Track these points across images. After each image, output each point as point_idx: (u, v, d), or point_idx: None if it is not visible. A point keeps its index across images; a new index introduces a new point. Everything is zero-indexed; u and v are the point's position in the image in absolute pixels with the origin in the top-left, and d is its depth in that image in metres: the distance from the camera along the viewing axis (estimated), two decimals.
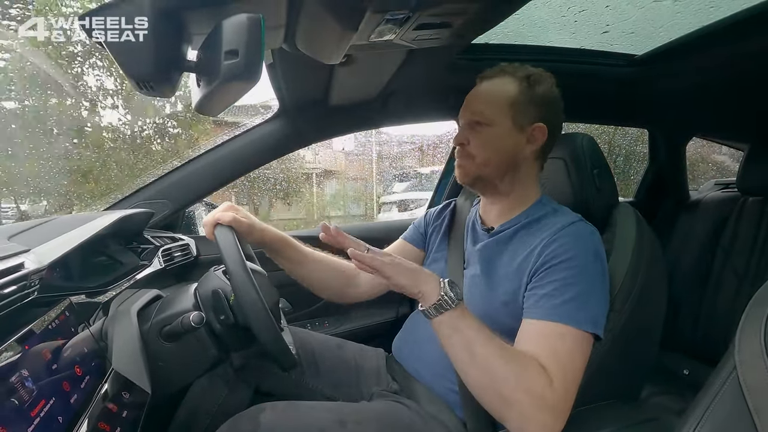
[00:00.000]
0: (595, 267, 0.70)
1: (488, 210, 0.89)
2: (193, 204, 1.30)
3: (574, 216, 0.78)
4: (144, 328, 0.76)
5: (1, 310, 0.47)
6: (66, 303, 0.62)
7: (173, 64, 0.52)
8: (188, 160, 1.23)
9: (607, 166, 0.93)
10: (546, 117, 0.79)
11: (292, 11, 0.65)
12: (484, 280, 0.79)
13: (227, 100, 0.54)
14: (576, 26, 1.13)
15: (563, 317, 0.65)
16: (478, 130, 0.80)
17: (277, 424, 0.67)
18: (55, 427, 0.48)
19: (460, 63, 1.09)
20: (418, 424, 0.75)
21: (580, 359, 0.64)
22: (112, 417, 0.58)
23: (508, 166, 0.80)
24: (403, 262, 0.65)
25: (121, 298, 0.81)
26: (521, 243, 0.78)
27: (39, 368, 0.49)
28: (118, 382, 0.64)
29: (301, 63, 0.86)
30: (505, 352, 0.62)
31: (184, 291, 0.83)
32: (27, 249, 0.59)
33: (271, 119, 1.26)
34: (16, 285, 0.50)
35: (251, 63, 0.45)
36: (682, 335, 1.45)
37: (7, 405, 0.42)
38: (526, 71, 0.80)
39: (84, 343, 0.62)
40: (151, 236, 1.07)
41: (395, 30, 0.76)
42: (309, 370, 0.92)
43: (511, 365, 0.61)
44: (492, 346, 0.62)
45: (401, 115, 1.38)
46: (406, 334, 0.94)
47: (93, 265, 0.82)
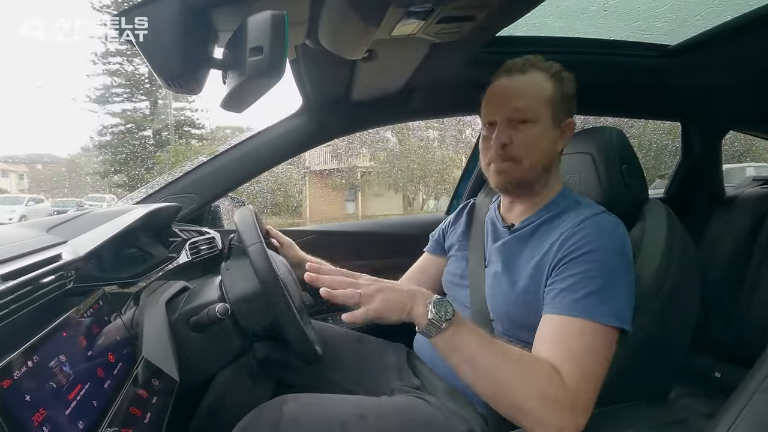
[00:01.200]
0: (619, 260, 0.68)
1: (510, 207, 0.87)
2: (219, 198, 1.34)
3: (596, 207, 0.76)
4: (172, 318, 0.79)
5: (41, 298, 0.50)
6: (100, 293, 0.64)
7: (201, 62, 0.53)
8: (214, 156, 1.27)
9: (637, 162, 0.90)
10: (573, 112, 0.79)
11: (315, 7, 0.65)
12: (505, 278, 0.78)
13: (252, 97, 0.54)
14: (605, 16, 1.09)
15: (583, 312, 0.63)
16: (521, 129, 0.76)
17: (299, 416, 0.69)
18: (90, 410, 0.50)
19: (483, 57, 1.07)
20: (439, 419, 0.75)
21: (600, 357, 0.62)
22: (142, 402, 0.60)
23: (546, 167, 0.79)
24: (387, 290, 0.63)
25: (151, 289, 0.84)
26: (542, 238, 0.76)
27: (75, 354, 0.52)
28: (148, 370, 0.67)
29: (324, 59, 0.87)
30: (511, 361, 0.61)
31: (210, 283, 0.86)
32: (64, 241, 0.62)
33: (294, 115, 1.28)
34: (54, 275, 0.53)
35: (275, 59, 0.46)
36: (714, 336, 1.40)
37: (46, 388, 0.44)
38: (553, 66, 0.78)
39: (116, 331, 0.64)
40: (178, 229, 1.10)
41: (418, 24, 0.76)
42: (330, 364, 0.93)
43: (519, 374, 0.60)
44: (495, 357, 0.61)
45: (423, 111, 1.37)
46: None
47: (125, 257, 0.85)
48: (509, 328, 0.76)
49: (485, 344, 0.62)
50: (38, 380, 0.44)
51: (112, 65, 11.35)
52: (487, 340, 0.63)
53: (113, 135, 11.36)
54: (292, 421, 0.67)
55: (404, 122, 1.32)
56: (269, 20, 0.45)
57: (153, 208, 0.88)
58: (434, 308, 0.61)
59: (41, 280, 0.50)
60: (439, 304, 0.61)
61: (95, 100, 11.43)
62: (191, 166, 1.27)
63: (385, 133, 8.70)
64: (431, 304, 0.61)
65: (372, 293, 0.62)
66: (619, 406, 0.72)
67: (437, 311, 0.60)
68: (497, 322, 0.78)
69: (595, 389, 0.61)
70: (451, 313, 0.61)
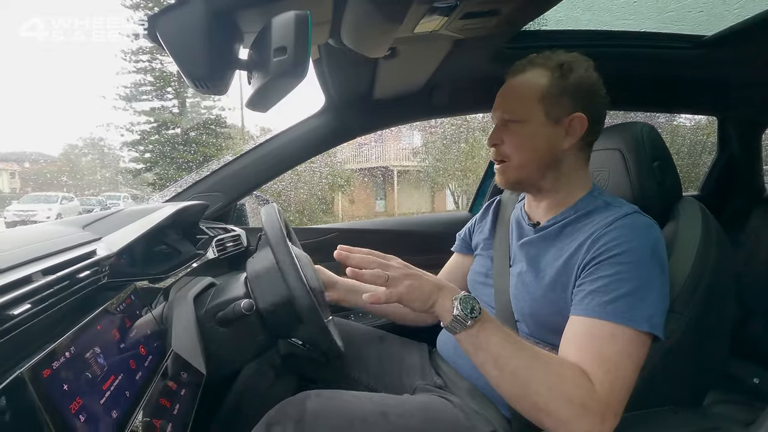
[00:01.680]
0: (652, 262, 0.65)
1: (534, 206, 0.85)
2: (244, 196, 1.37)
3: (629, 207, 0.73)
4: (199, 313, 0.81)
5: (77, 292, 0.52)
6: (132, 288, 0.67)
7: (227, 63, 0.54)
8: (239, 155, 1.30)
9: (670, 158, 0.86)
10: (584, 105, 0.74)
11: (338, 6, 0.66)
12: (529, 278, 0.76)
13: (276, 97, 0.55)
14: (635, 7, 1.05)
15: (613, 315, 0.61)
16: (512, 129, 0.77)
17: (322, 412, 0.69)
18: (122, 400, 0.52)
19: (508, 52, 1.05)
20: (462, 419, 0.74)
21: (631, 361, 0.60)
22: (171, 394, 0.62)
23: (547, 164, 0.77)
24: (416, 278, 0.64)
25: (180, 285, 0.86)
26: (569, 238, 0.74)
27: (109, 346, 0.54)
28: (177, 363, 0.69)
29: (346, 58, 0.87)
30: (537, 362, 0.60)
31: (236, 279, 0.88)
32: (99, 237, 0.64)
33: (317, 114, 1.30)
34: (89, 270, 0.55)
35: (299, 59, 0.46)
36: (753, 341, 1.33)
37: (82, 378, 0.46)
38: (558, 59, 0.75)
39: (147, 325, 0.67)
40: (205, 227, 1.13)
41: (441, 20, 0.75)
42: (352, 362, 0.94)
43: (545, 375, 0.58)
44: (521, 357, 0.60)
45: (446, 108, 1.36)
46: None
47: (155, 253, 0.88)
48: (534, 330, 0.75)
49: (511, 344, 0.61)
50: (75, 370, 0.46)
51: (141, 63, 11.39)
52: (514, 340, 0.61)
53: (142, 133, 11.53)
54: (315, 417, 0.68)
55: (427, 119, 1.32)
56: (293, 20, 0.45)
57: (181, 206, 0.91)
58: (460, 305, 0.61)
59: (78, 275, 0.53)
60: (465, 301, 0.61)
61: (124, 97, 11.53)
62: (218, 165, 1.30)
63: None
64: (457, 300, 0.61)
65: (400, 277, 0.63)
66: (650, 410, 0.70)
67: (463, 308, 0.60)
68: (522, 323, 0.77)
69: (625, 394, 0.59)
70: (478, 311, 0.61)
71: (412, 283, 0.63)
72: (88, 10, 11.72)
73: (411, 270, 0.65)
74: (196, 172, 1.35)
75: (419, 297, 0.62)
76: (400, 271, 0.63)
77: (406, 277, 0.63)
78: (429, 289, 0.63)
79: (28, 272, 0.45)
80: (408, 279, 0.63)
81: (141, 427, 0.52)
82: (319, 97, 1.25)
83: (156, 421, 0.55)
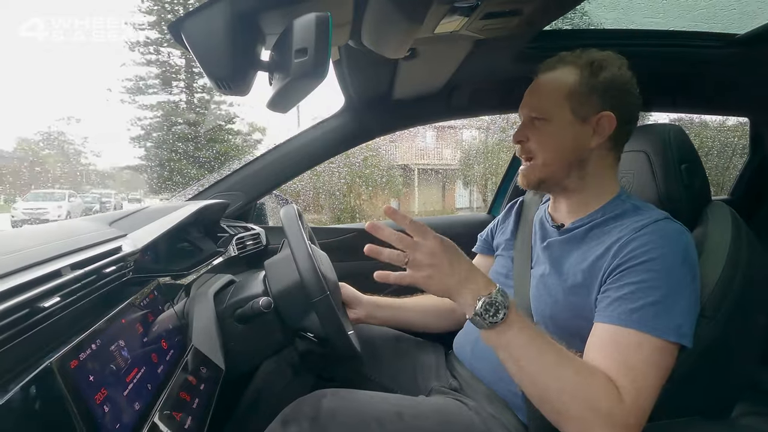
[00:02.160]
0: (682, 270, 0.63)
1: (558, 207, 0.84)
2: (264, 196, 1.39)
3: (659, 213, 0.70)
4: (219, 310, 0.83)
5: (103, 287, 0.54)
6: (155, 283, 0.69)
7: (249, 64, 0.55)
8: (260, 155, 1.32)
9: (698, 161, 0.83)
10: (613, 104, 0.72)
11: (359, 7, 0.66)
12: (552, 281, 0.75)
13: (296, 98, 0.56)
14: (663, 5, 1.02)
15: (639, 324, 0.59)
16: (537, 126, 0.76)
17: (338, 410, 0.70)
18: (144, 393, 0.53)
19: (529, 52, 1.03)
20: (477, 423, 0.73)
21: (657, 371, 0.58)
22: (191, 388, 0.63)
23: (572, 163, 0.75)
24: (438, 269, 0.60)
25: (200, 282, 0.88)
26: (595, 242, 0.72)
27: (133, 340, 0.56)
28: (197, 358, 0.70)
29: (366, 58, 0.87)
30: (561, 368, 0.58)
31: (255, 277, 0.89)
32: (124, 234, 0.66)
33: (336, 114, 1.31)
34: (115, 265, 0.57)
35: (319, 60, 0.47)
36: None
37: (107, 370, 0.48)
38: (589, 57, 0.74)
39: (169, 320, 0.68)
40: (226, 225, 1.15)
41: (461, 20, 0.74)
42: (368, 361, 0.94)
43: (568, 382, 0.57)
44: (545, 361, 0.58)
45: (466, 108, 1.35)
46: (468, 332, 0.92)
47: (177, 250, 0.90)
48: (554, 333, 0.73)
49: (537, 347, 0.59)
50: (100, 362, 0.47)
51: (147, 55, 11.24)
52: (540, 343, 0.60)
53: (147, 128, 11.36)
54: (331, 415, 0.68)
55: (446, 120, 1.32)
56: (314, 22, 0.46)
57: (203, 205, 0.93)
58: (483, 308, 0.58)
59: (104, 270, 0.54)
60: (490, 304, 0.58)
61: (129, 90, 11.31)
62: (238, 165, 1.33)
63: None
64: (481, 301, 0.58)
65: (421, 265, 0.60)
66: (676, 420, 0.68)
67: (485, 312, 0.58)
68: (541, 325, 0.75)
69: (649, 404, 0.57)
70: (501, 317, 0.58)
71: (432, 273, 0.60)
72: (88, 10, 11.81)
73: (437, 259, 0.61)
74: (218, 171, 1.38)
75: (437, 289, 0.61)
76: (424, 258, 0.60)
77: (430, 266, 0.60)
78: (449, 284, 0.60)
79: (57, 266, 0.47)
80: (430, 269, 0.60)
81: (162, 420, 0.53)
82: (335, 97, 1.26)
83: (176, 414, 0.56)
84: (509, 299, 0.60)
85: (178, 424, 0.56)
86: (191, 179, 9.83)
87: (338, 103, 1.28)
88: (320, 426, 0.66)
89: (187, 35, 0.51)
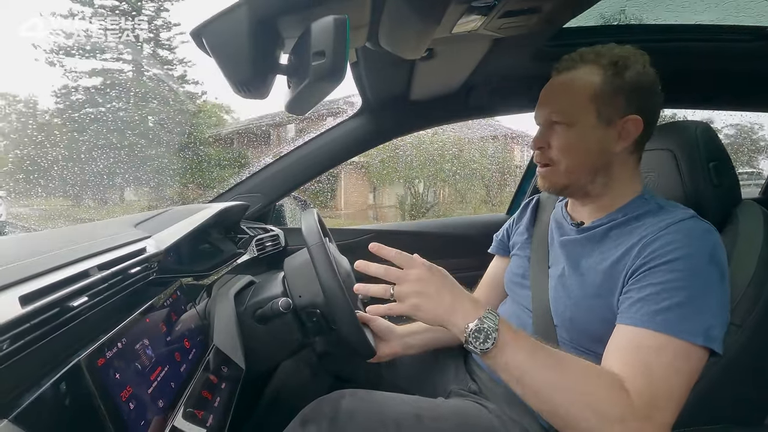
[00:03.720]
0: (710, 270, 0.60)
1: (578, 207, 0.81)
2: (283, 198, 1.41)
3: (685, 212, 0.67)
4: (239, 310, 0.84)
5: (128, 287, 0.55)
6: (177, 284, 0.70)
7: (268, 68, 0.55)
8: (278, 158, 1.34)
9: (728, 159, 0.80)
10: (639, 106, 0.69)
11: (376, 9, 0.66)
12: (571, 281, 0.73)
13: (314, 100, 0.56)
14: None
15: (662, 326, 0.57)
16: (558, 131, 0.72)
17: (356, 411, 0.70)
18: (167, 391, 0.55)
19: (549, 50, 1.02)
20: (497, 426, 0.72)
21: (680, 375, 0.56)
22: (212, 387, 0.65)
23: (597, 169, 0.72)
24: (425, 297, 0.60)
25: (221, 282, 0.90)
26: (616, 242, 0.70)
27: (156, 339, 0.57)
28: (218, 357, 0.72)
29: (383, 60, 0.88)
30: (567, 380, 0.56)
31: (274, 278, 0.90)
32: (149, 235, 0.68)
33: (354, 116, 1.31)
34: (140, 266, 0.58)
35: (337, 63, 0.47)
36: None
37: (132, 368, 0.49)
38: (611, 56, 0.70)
39: (191, 320, 0.70)
40: (246, 227, 1.17)
41: (479, 19, 0.74)
42: (387, 363, 0.94)
43: (573, 394, 0.55)
44: (545, 377, 0.56)
45: (483, 108, 1.34)
46: None
47: (199, 252, 0.92)
48: (574, 336, 0.72)
49: (536, 363, 0.57)
50: (126, 361, 0.49)
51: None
52: (540, 357, 0.58)
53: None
54: (349, 416, 0.68)
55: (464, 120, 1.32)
56: (331, 25, 0.46)
57: (224, 207, 0.94)
58: (472, 336, 0.57)
59: (129, 270, 0.56)
60: (478, 331, 0.57)
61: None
62: (258, 168, 1.35)
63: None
64: (468, 330, 0.58)
65: (407, 295, 0.61)
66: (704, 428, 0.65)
67: (474, 340, 0.57)
68: (561, 328, 0.74)
69: (673, 410, 0.55)
70: (491, 343, 0.57)
71: (419, 303, 0.60)
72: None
73: (424, 286, 0.61)
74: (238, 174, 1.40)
75: (425, 317, 0.60)
76: (411, 287, 0.61)
77: (417, 295, 0.60)
78: (437, 311, 0.60)
79: (86, 267, 0.49)
80: (416, 298, 0.60)
81: (185, 417, 0.55)
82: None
83: (198, 412, 0.57)
84: (498, 321, 0.58)
85: (201, 421, 0.57)
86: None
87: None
88: (339, 426, 0.66)
89: (209, 40, 0.52)
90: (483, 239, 1.09)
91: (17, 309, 0.37)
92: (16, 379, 0.38)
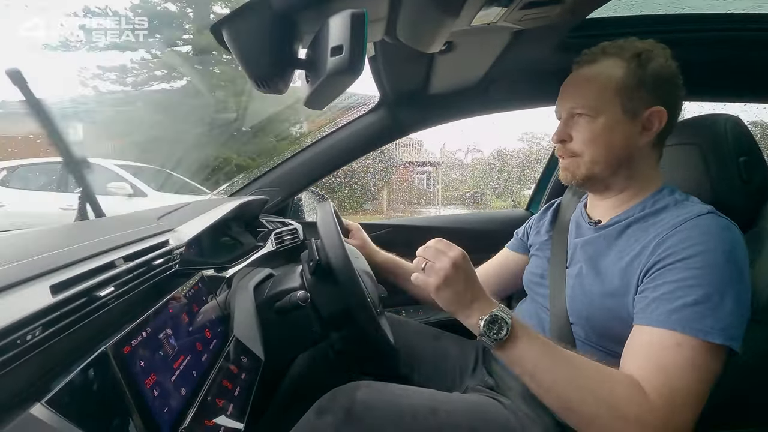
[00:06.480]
0: (727, 267, 0.58)
1: (596, 204, 0.81)
2: (301, 192, 1.42)
3: (702, 207, 0.66)
4: (258, 302, 0.86)
5: (152, 278, 0.57)
6: (199, 276, 0.72)
7: (287, 63, 0.56)
8: (297, 152, 1.35)
9: (760, 153, 0.77)
10: (663, 98, 0.68)
11: (394, 2, 0.66)
12: (588, 280, 0.72)
13: (332, 94, 0.57)
14: None
15: (678, 324, 0.56)
16: (581, 124, 0.72)
17: (372, 403, 0.70)
18: (189, 379, 0.56)
19: (572, 42, 0.99)
20: (513, 422, 0.72)
21: (699, 374, 0.55)
22: (233, 377, 0.66)
23: (620, 162, 0.72)
24: (449, 284, 0.62)
25: (241, 274, 0.92)
26: (633, 239, 0.69)
27: (179, 329, 0.59)
28: (238, 347, 0.73)
29: (402, 53, 0.87)
30: (580, 377, 0.57)
31: (293, 271, 0.92)
32: (171, 228, 0.70)
33: (372, 110, 1.31)
34: (163, 258, 0.60)
35: (355, 57, 0.47)
36: None
37: (156, 356, 0.51)
38: (633, 49, 0.69)
39: (212, 311, 0.72)
40: (265, 220, 1.19)
41: (499, 11, 0.72)
42: (404, 358, 0.94)
43: (589, 390, 0.55)
44: (560, 372, 0.57)
45: (504, 103, 1.32)
46: None
47: (219, 244, 0.94)
48: (591, 335, 0.71)
49: (550, 358, 0.58)
50: (150, 349, 0.50)
51: None
52: (554, 354, 0.59)
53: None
54: (365, 407, 0.69)
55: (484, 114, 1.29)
56: (349, 19, 0.46)
57: (244, 201, 0.96)
58: (485, 327, 0.60)
59: (153, 262, 0.58)
60: (492, 322, 0.60)
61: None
62: (276, 162, 1.36)
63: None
64: (482, 321, 0.60)
65: (437, 273, 0.63)
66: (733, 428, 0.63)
67: (488, 330, 0.59)
68: (577, 326, 0.73)
69: (692, 411, 0.54)
70: (504, 333, 0.59)
71: (444, 288, 0.62)
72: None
73: (456, 273, 0.62)
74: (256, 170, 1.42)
75: (445, 301, 0.63)
76: (443, 267, 0.62)
77: (445, 278, 0.62)
78: (456, 303, 0.63)
79: (112, 258, 0.50)
80: (444, 280, 0.62)
81: (206, 405, 0.56)
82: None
83: (219, 401, 0.59)
84: (511, 315, 0.61)
85: (221, 410, 0.58)
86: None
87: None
88: (355, 417, 0.67)
89: (228, 36, 0.52)
90: (501, 235, 1.08)
91: (48, 298, 0.39)
92: (47, 365, 0.39)
